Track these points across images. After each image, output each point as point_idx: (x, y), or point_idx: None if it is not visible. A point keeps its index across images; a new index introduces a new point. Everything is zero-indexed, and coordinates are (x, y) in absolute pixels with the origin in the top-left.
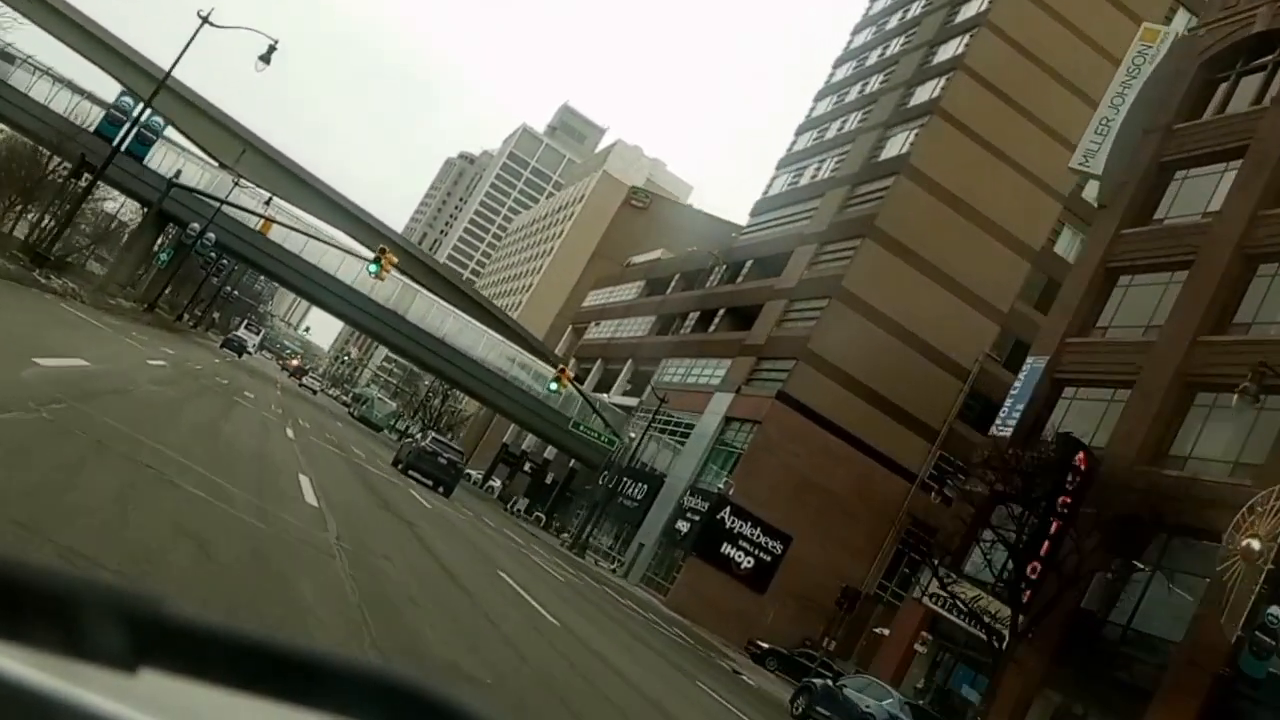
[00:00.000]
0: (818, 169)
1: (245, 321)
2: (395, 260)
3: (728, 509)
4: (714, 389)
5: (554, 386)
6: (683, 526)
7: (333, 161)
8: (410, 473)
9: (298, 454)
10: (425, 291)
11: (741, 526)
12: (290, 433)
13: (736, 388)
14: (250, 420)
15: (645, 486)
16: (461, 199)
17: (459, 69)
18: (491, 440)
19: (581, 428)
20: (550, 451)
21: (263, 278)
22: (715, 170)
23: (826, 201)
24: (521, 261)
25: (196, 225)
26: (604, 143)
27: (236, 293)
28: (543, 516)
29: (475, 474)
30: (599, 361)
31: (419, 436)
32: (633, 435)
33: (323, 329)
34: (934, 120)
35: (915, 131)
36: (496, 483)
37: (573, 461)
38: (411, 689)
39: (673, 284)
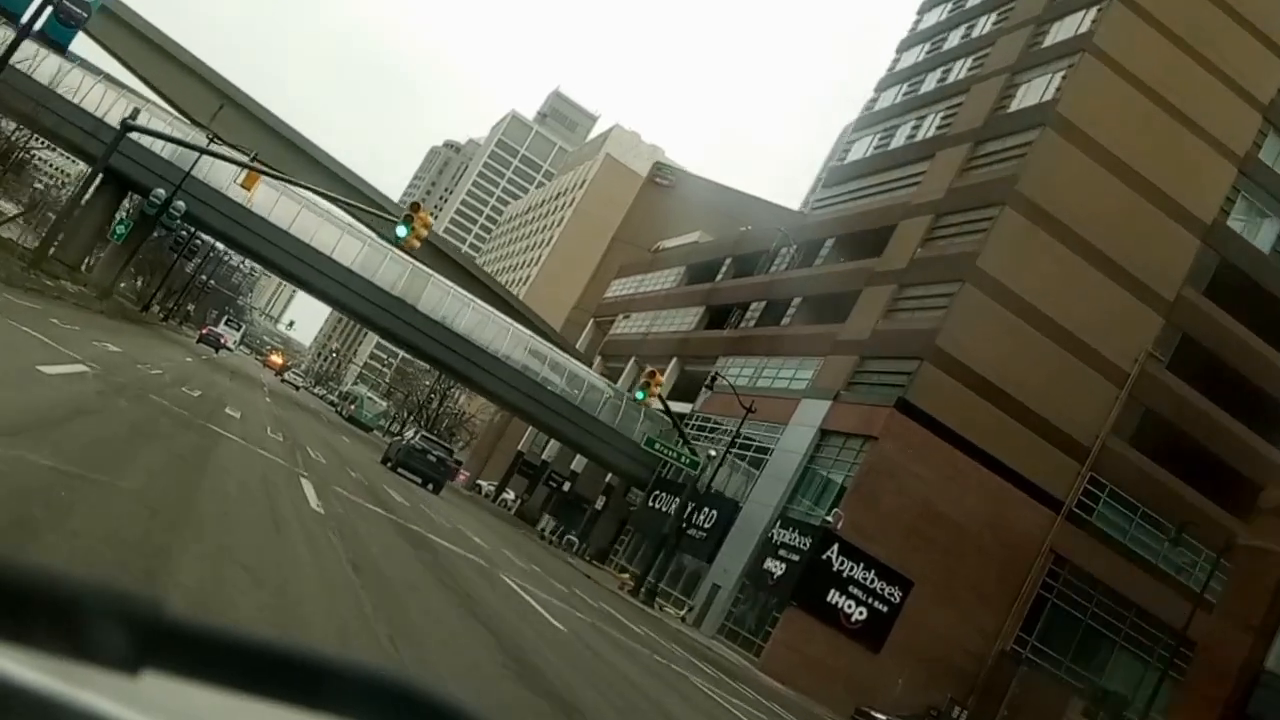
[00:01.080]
0: (916, 127)
1: (225, 317)
2: (430, 222)
3: (835, 547)
4: (800, 395)
5: (641, 395)
6: (775, 568)
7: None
8: (399, 470)
9: (347, 567)
10: (439, 277)
11: (852, 569)
12: (311, 492)
13: (834, 394)
14: (245, 478)
15: (714, 513)
16: (447, 189)
17: (447, 56)
18: (506, 448)
19: (657, 445)
20: (578, 462)
21: (242, 267)
22: (713, 158)
23: (938, 164)
24: (516, 252)
25: (162, 191)
26: (596, 130)
27: (213, 282)
28: (574, 541)
29: (487, 485)
30: (631, 361)
31: (411, 435)
32: (712, 453)
33: (306, 323)
34: (1085, 60)
35: (1062, 74)
36: (510, 495)
37: (609, 476)
38: (411, 691)
39: (724, 270)
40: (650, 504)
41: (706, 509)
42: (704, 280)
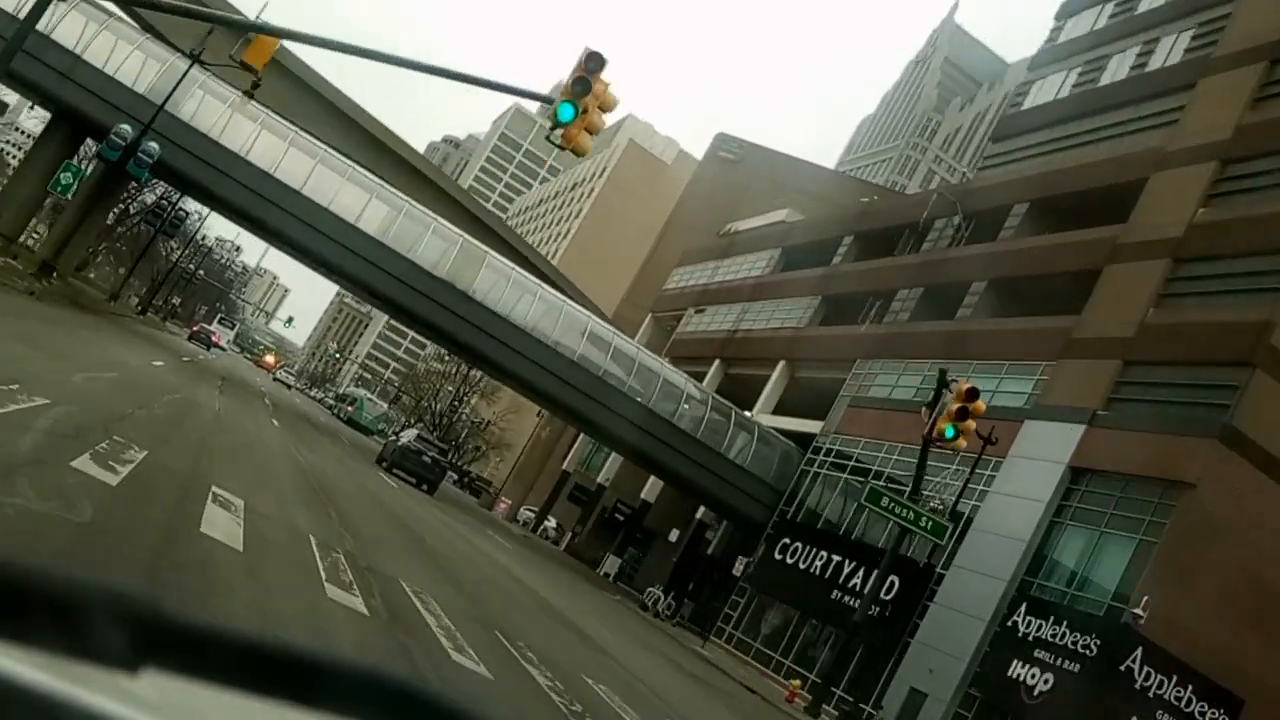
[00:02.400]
0: (1145, 54)
1: (218, 315)
2: (614, 101)
3: (1138, 653)
4: (1016, 415)
5: (951, 433)
6: (1033, 679)
7: None
8: (394, 471)
9: None
10: (496, 256)
11: (1162, 684)
12: None
13: (1089, 414)
14: None
15: (894, 580)
16: None
17: (443, 55)
18: (551, 468)
19: (885, 502)
20: (650, 489)
21: (233, 266)
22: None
23: (1205, 96)
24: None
25: (126, 128)
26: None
27: (202, 272)
28: (657, 594)
29: (527, 512)
30: (715, 364)
31: (406, 436)
32: (937, 504)
33: (299, 321)
34: None
35: None
36: (552, 523)
37: (700, 512)
38: (410, 691)
39: (843, 250)
40: (779, 557)
41: (872, 571)
42: (809, 263)
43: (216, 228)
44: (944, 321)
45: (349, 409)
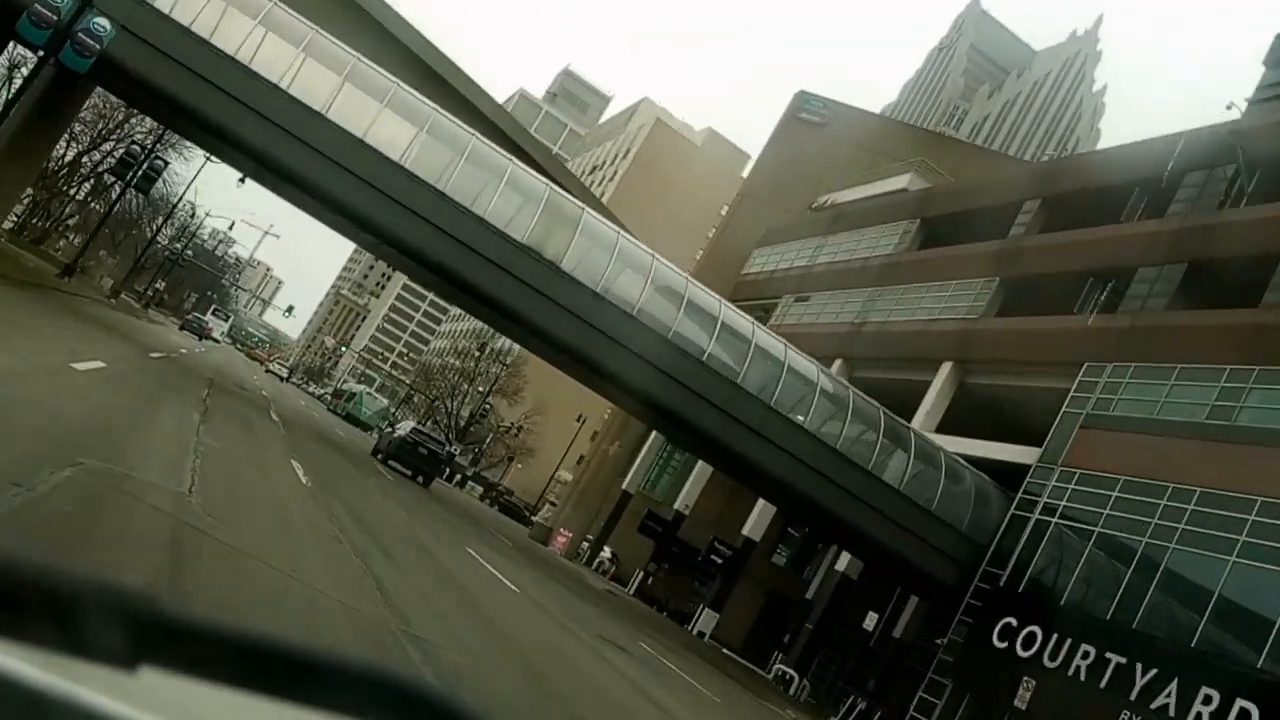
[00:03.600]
0: None
1: (213, 307)
2: None
3: None
4: None
5: None
6: None
7: None
8: (390, 462)
9: None
10: (594, 214)
11: None
12: None
13: None
14: None
15: (1246, 710)
16: None
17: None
18: (614, 493)
19: None
20: (756, 525)
21: (228, 255)
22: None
23: None
24: None
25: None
26: (609, 112)
27: (190, 253)
28: (786, 673)
29: (589, 541)
30: (836, 365)
31: (403, 428)
32: None
33: (297, 312)
34: None
35: None
36: (607, 553)
37: (839, 560)
38: (409, 689)
39: (1023, 217)
40: (1000, 644)
41: (1170, 676)
42: (967, 237)
43: (206, 202)
44: (1245, 310)
45: (348, 405)
